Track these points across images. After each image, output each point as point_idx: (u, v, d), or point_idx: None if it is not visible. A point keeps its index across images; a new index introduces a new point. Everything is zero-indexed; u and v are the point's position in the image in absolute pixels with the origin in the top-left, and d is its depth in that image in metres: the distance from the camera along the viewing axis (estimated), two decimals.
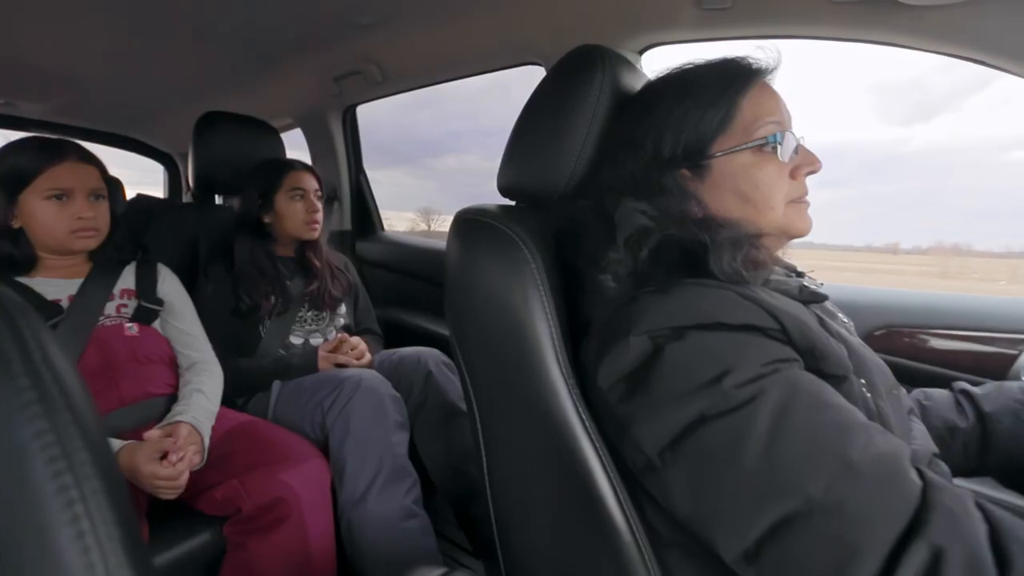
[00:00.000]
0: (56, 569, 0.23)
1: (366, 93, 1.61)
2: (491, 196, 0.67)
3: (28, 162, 0.89)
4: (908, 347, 0.92)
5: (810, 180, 0.57)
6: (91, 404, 0.28)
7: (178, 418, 0.89)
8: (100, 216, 0.95)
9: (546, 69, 1.17)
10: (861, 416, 0.42)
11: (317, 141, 1.81)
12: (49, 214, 0.89)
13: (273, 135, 1.52)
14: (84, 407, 0.27)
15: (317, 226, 1.30)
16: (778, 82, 0.58)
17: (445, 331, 1.46)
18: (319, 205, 1.30)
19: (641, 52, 1.06)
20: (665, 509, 0.48)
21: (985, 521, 0.37)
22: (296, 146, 1.85)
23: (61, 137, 0.96)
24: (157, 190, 2.49)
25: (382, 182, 1.94)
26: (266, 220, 1.28)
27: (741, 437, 0.40)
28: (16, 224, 0.90)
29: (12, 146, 0.92)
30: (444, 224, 2.03)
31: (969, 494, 0.39)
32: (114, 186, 1.00)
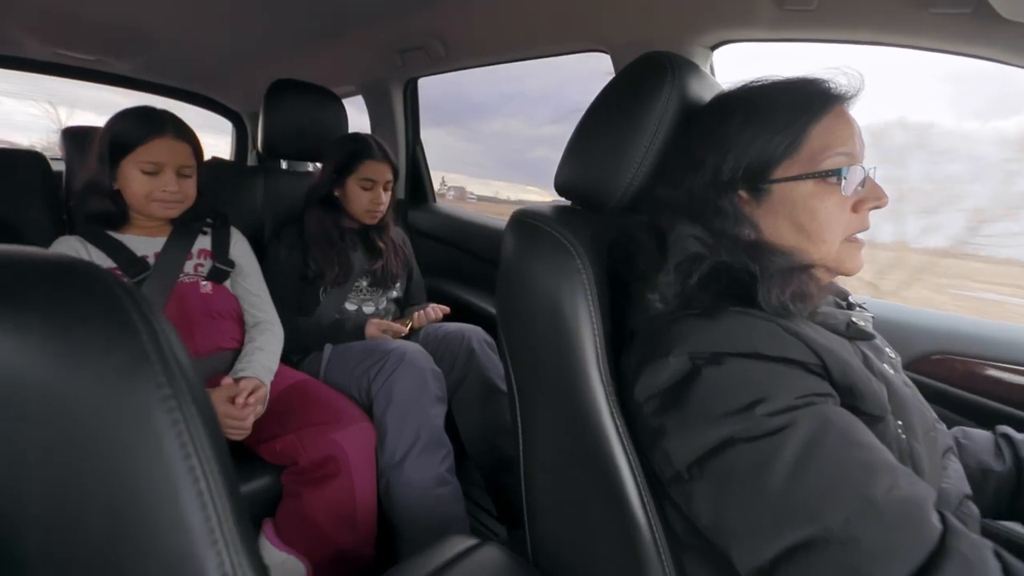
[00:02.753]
0: (185, 524, 0.29)
1: (428, 67, 1.63)
2: (537, 163, 0.66)
3: (131, 133, 0.98)
4: (963, 376, 0.88)
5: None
6: (202, 384, 0.34)
7: (242, 374, 0.98)
8: (184, 190, 1.04)
9: (612, 58, 1.15)
10: (890, 457, 0.43)
11: (378, 110, 1.85)
12: (140, 182, 0.99)
13: (338, 105, 1.56)
14: (200, 392, 0.32)
15: (378, 215, 1.35)
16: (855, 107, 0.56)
17: (489, 307, 1.50)
18: (385, 198, 1.34)
19: (713, 48, 1.02)
20: (686, 515, 0.50)
21: (1003, 572, 0.38)
22: (358, 109, 1.89)
23: (164, 110, 1.04)
24: (216, 137, 2.62)
25: (427, 142, 1.91)
26: (336, 194, 1.34)
27: (767, 463, 0.42)
28: (116, 186, 1.00)
29: (120, 116, 1.02)
30: None
31: (989, 544, 0.40)
32: (200, 159, 1.08)
